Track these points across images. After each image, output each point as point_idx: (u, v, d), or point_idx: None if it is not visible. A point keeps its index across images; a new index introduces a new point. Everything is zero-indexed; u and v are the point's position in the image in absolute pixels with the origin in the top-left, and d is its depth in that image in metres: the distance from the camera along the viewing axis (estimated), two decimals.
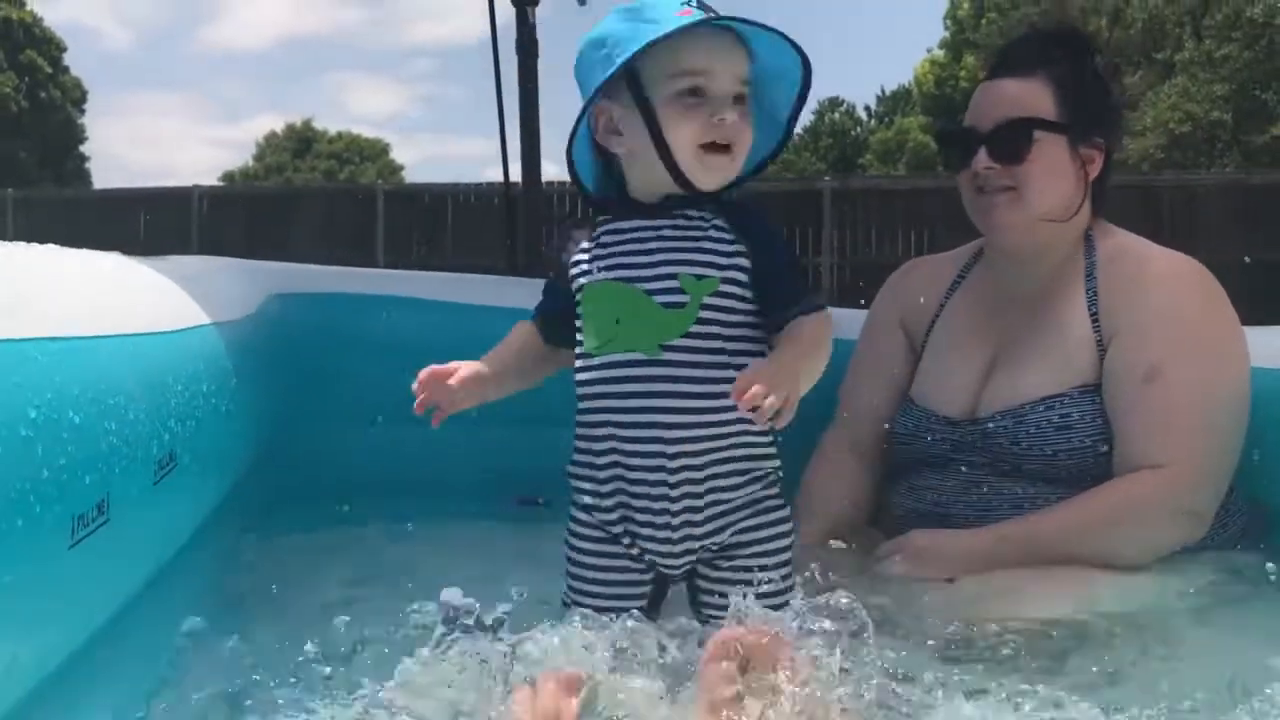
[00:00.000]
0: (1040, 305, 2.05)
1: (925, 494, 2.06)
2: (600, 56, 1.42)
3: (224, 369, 1.61)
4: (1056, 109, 1.97)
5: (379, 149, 42.47)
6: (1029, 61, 2.02)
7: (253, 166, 41.08)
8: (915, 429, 2.10)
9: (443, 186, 13.65)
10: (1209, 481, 1.95)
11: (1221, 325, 2.00)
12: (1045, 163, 1.97)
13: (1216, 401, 1.95)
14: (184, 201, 13.77)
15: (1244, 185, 13.18)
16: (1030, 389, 1.98)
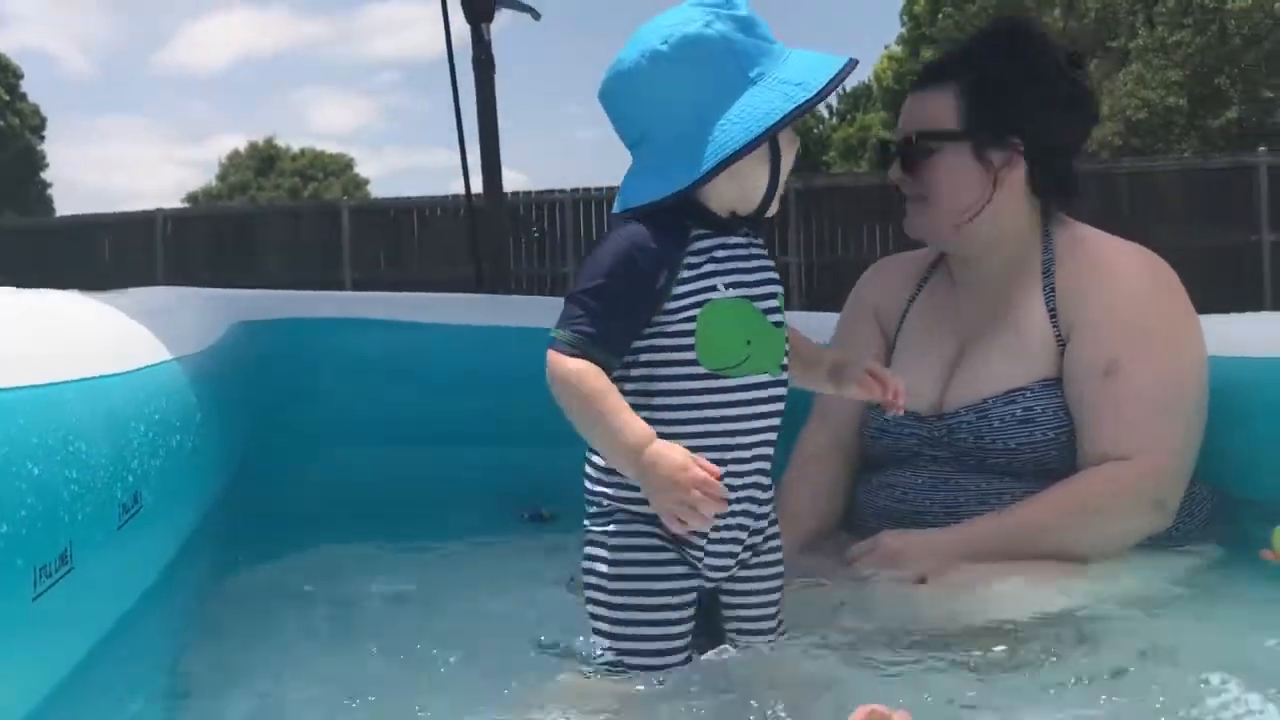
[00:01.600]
0: (1000, 302, 2.09)
1: (893, 490, 2.08)
2: (742, 73, 1.38)
3: (188, 404, 1.60)
4: (958, 118, 2.03)
5: (343, 164, 42.30)
6: (942, 72, 2.10)
7: (216, 186, 40.82)
8: (885, 425, 2.12)
9: (408, 201, 13.61)
10: (1173, 471, 1.98)
11: (1178, 317, 2.03)
12: (945, 171, 2.05)
13: (1176, 392, 1.98)
14: (147, 225, 13.65)
15: (1202, 170, 13.33)
16: (992, 383, 2.01)
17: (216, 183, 41.19)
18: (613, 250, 1.37)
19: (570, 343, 1.35)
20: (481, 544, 2.32)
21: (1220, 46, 20.33)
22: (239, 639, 1.69)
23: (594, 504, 1.46)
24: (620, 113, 1.45)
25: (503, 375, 2.53)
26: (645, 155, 1.42)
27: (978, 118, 2.04)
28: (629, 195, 1.41)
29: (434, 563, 2.21)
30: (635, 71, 1.39)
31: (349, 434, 2.47)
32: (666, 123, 1.39)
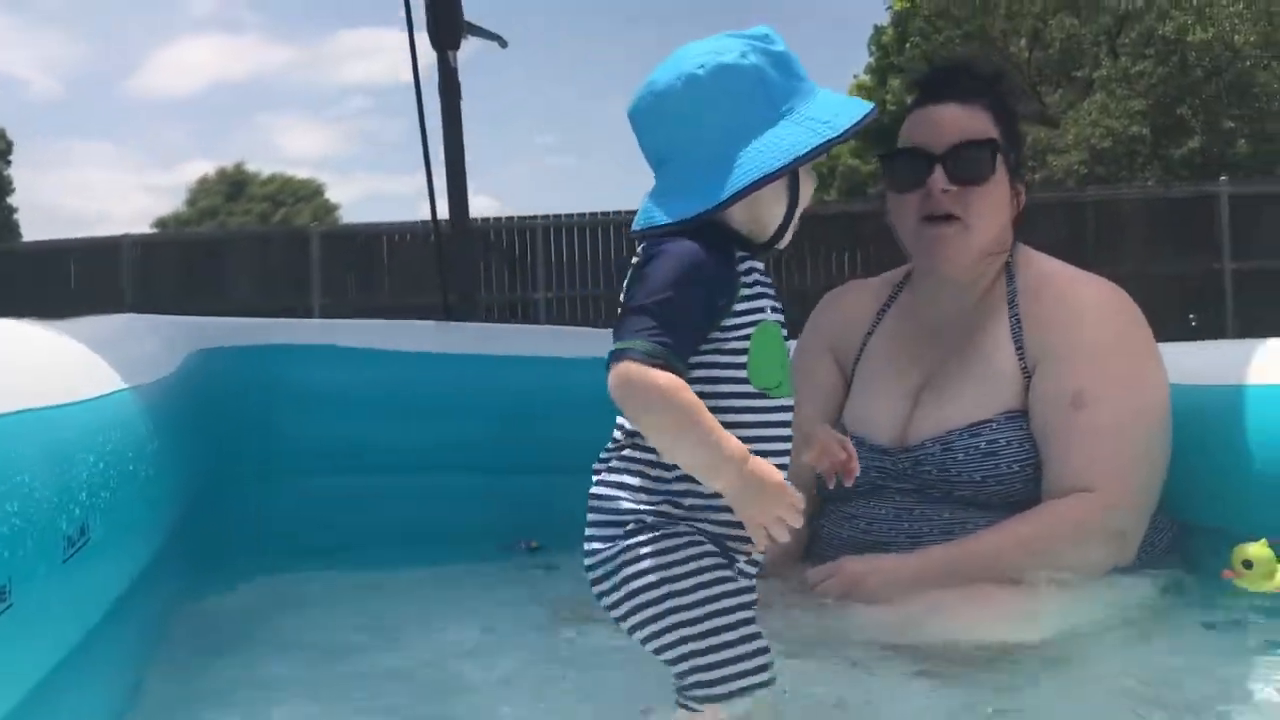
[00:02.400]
0: (965, 333, 2.08)
1: (857, 521, 2.07)
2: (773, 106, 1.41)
3: (141, 433, 1.58)
4: (1001, 138, 2.02)
5: (313, 189, 42.15)
6: (967, 89, 2.05)
7: (185, 212, 40.55)
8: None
9: (377, 226, 13.56)
10: (1137, 504, 1.99)
11: (1142, 351, 2.05)
12: (996, 190, 2.01)
13: (1141, 426, 1.99)
14: (114, 251, 13.51)
15: (1165, 199, 13.51)
16: (957, 416, 2.00)
17: (186, 208, 40.93)
18: (676, 264, 1.36)
19: (651, 353, 1.30)
20: (444, 573, 2.31)
21: (1182, 77, 20.64)
22: (193, 673, 1.67)
23: (628, 523, 1.39)
24: (649, 131, 1.45)
25: (466, 403, 2.52)
26: (670, 176, 1.43)
27: (1014, 143, 2.05)
28: (653, 214, 1.42)
29: (395, 593, 2.20)
30: (669, 93, 1.41)
31: (310, 462, 2.45)
32: (695, 146, 1.41)
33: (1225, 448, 2.01)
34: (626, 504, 1.39)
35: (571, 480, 1.47)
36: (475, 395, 2.51)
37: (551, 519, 2.30)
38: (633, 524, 1.38)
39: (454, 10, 3.24)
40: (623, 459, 1.41)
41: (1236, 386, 2.05)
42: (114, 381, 1.54)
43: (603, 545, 1.39)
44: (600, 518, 1.41)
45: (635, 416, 1.34)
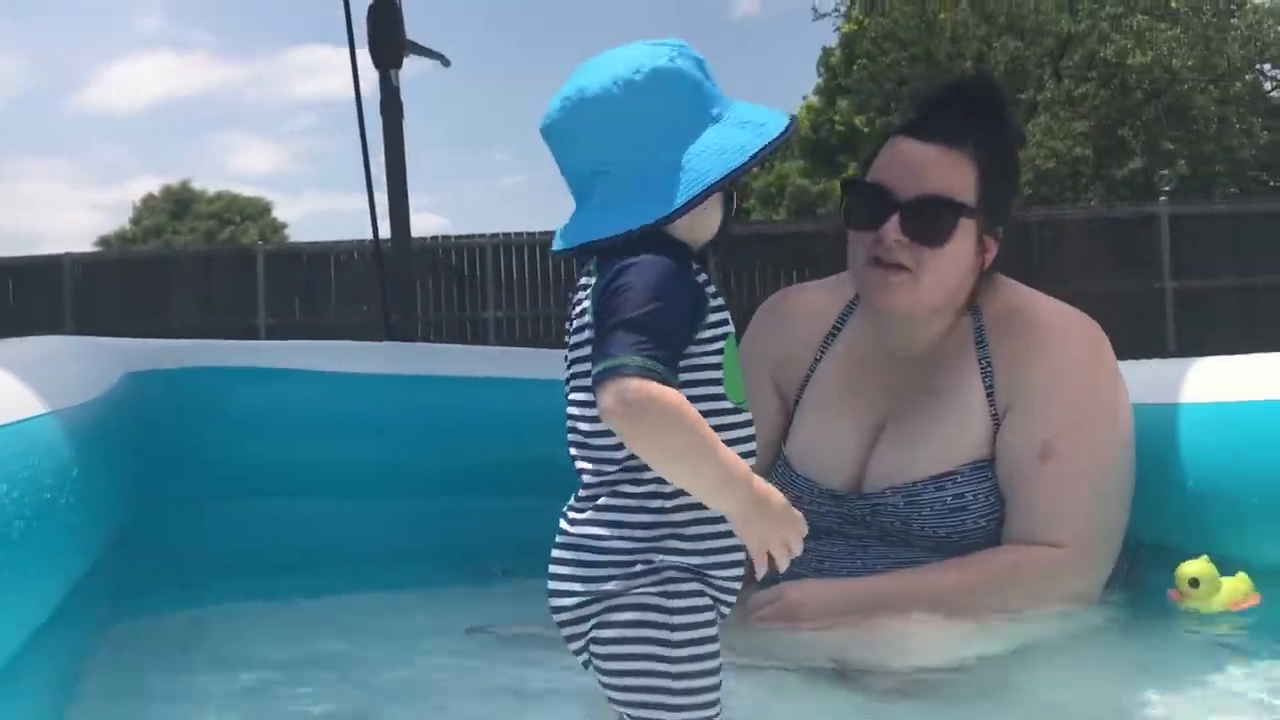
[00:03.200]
0: (929, 372, 1.96)
1: (807, 558, 1.96)
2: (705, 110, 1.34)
3: (64, 460, 1.53)
4: (977, 190, 1.87)
5: (260, 208, 41.74)
6: (956, 131, 1.89)
7: (130, 230, 39.99)
8: (798, 500, 1.93)
9: (323, 245, 13.45)
10: (1102, 560, 1.93)
11: (1112, 393, 1.97)
12: (955, 251, 1.87)
13: (1110, 474, 1.93)
14: (55, 270, 13.28)
15: (1107, 218, 13.75)
16: (921, 466, 1.90)
17: (130, 226, 40.35)
18: (655, 275, 1.26)
19: (648, 369, 1.21)
20: (377, 599, 2.27)
21: (1123, 100, 21.06)
22: (117, 699, 1.62)
23: (633, 564, 1.27)
24: (581, 141, 1.34)
25: (405, 424, 2.48)
26: (608, 187, 1.33)
27: (993, 195, 1.90)
28: (592, 228, 1.32)
29: (325, 619, 2.16)
30: (605, 98, 1.32)
31: (244, 486, 2.40)
32: (635, 153, 1.32)
33: (1163, 465, 2.00)
34: (623, 544, 1.28)
35: (511, 504, 1.44)
36: (414, 417, 2.47)
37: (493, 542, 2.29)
38: (639, 564, 1.28)
39: (395, 29, 3.22)
40: (616, 494, 1.29)
41: (1173, 405, 2.06)
42: (34, 406, 1.50)
43: (585, 588, 1.28)
44: (587, 558, 1.29)
45: (640, 437, 1.23)
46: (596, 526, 1.30)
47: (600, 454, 1.30)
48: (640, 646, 1.27)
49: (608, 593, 1.28)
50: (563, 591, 1.31)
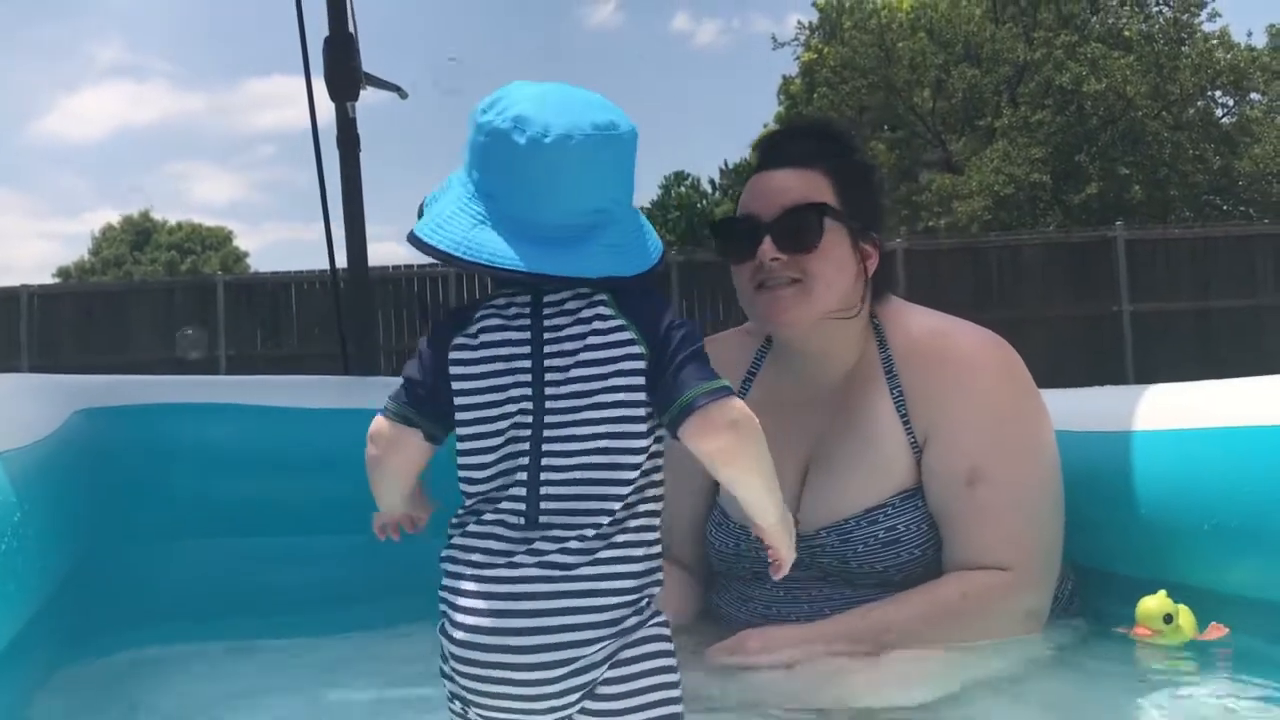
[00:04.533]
0: (845, 407, 1.97)
1: (754, 604, 1.99)
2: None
3: (7, 503, 1.50)
4: (837, 200, 1.92)
5: (222, 237, 41.47)
6: (805, 154, 1.96)
7: (89, 260, 39.60)
8: (736, 548, 2.00)
9: (284, 275, 13.38)
10: (1046, 577, 1.94)
11: (1032, 412, 1.97)
12: (833, 253, 1.90)
13: (1041, 494, 1.94)
14: (11, 302, 13.12)
15: (1066, 243, 13.93)
16: (850, 502, 1.91)
17: (90, 257, 39.96)
18: (673, 310, 1.35)
19: (733, 391, 1.31)
20: (330, 641, 2.23)
21: (1079, 126, 21.38)
22: None
23: (640, 601, 1.28)
24: (595, 172, 1.34)
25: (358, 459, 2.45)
26: (613, 227, 1.35)
27: (855, 202, 1.94)
28: (615, 264, 1.33)
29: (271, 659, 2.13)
30: (630, 140, 1.36)
31: (198, 524, 2.37)
32: (629, 196, 1.39)
33: (1117, 493, 2.02)
34: (631, 581, 1.28)
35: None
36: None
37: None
38: (644, 600, 1.29)
39: (351, 62, 3.21)
40: (624, 531, 1.28)
41: (1126, 433, 2.07)
42: None
43: (605, 631, 1.26)
44: (604, 601, 1.26)
45: (747, 452, 1.32)
46: (611, 565, 1.28)
47: (612, 491, 1.30)
48: (658, 677, 1.28)
49: (625, 630, 1.27)
50: (575, 642, 1.26)
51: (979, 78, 23.09)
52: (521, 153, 1.31)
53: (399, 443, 1.40)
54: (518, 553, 1.27)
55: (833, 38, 26.35)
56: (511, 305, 1.36)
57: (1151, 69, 21.14)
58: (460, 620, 1.27)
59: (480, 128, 1.36)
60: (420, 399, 1.38)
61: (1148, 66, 21.19)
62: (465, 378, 1.35)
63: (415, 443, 1.40)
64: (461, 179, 1.38)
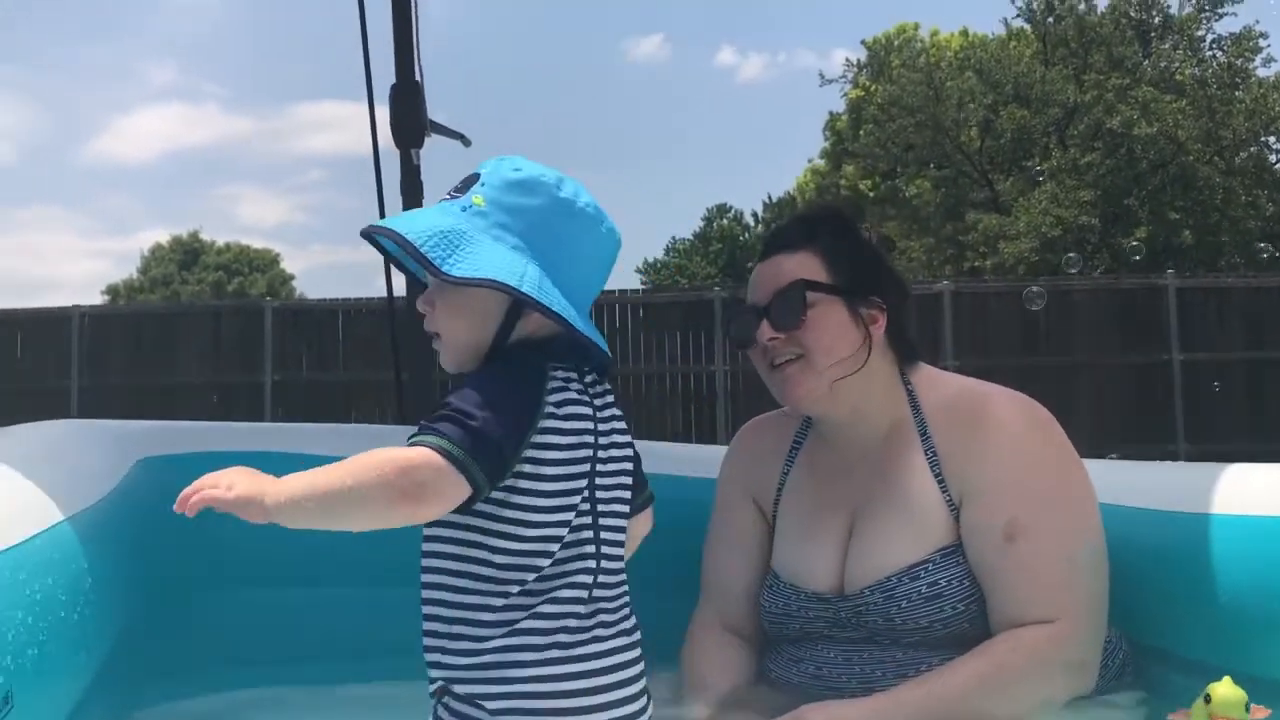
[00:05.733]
0: (882, 469, 2.04)
1: (806, 665, 2.02)
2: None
3: (79, 570, 1.49)
4: (828, 274, 2.02)
5: (269, 259, 41.99)
6: (795, 238, 2.08)
7: (138, 279, 40.20)
8: (787, 607, 2.06)
9: (332, 301, 13.49)
10: (1093, 629, 1.95)
11: (1068, 469, 2.02)
12: (824, 323, 2.00)
13: (1081, 547, 1.96)
14: (64, 322, 13.32)
15: (1115, 289, 13.75)
16: (892, 559, 1.96)
17: (138, 276, 40.57)
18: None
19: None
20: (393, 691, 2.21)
21: (1129, 169, 21.24)
22: None
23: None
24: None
25: None
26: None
27: (847, 274, 2.04)
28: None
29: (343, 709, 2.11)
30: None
31: (265, 574, 2.35)
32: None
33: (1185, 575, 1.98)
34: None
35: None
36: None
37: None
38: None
39: (417, 110, 3.22)
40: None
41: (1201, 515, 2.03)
42: (48, 514, 1.46)
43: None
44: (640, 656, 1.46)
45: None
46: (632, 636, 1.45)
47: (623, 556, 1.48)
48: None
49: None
50: (648, 695, 1.43)
51: (1028, 118, 23.01)
52: (602, 239, 1.49)
53: (446, 495, 1.31)
54: (592, 627, 1.39)
55: (880, 75, 26.37)
56: (572, 380, 1.45)
57: (1204, 113, 20.96)
58: (599, 701, 1.36)
59: (562, 204, 1.46)
60: (494, 463, 1.32)
61: (1200, 111, 21.02)
62: (553, 447, 1.39)
63: (456, 500, 1.32)
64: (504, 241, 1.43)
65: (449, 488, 1.30)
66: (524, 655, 1.34)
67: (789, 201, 37.98)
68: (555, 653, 1.35)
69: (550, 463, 1.38)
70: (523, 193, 1.45)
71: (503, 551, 1.36)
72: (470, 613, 1.36)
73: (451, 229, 1.40)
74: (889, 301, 2.07)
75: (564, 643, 1.36)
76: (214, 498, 1.29)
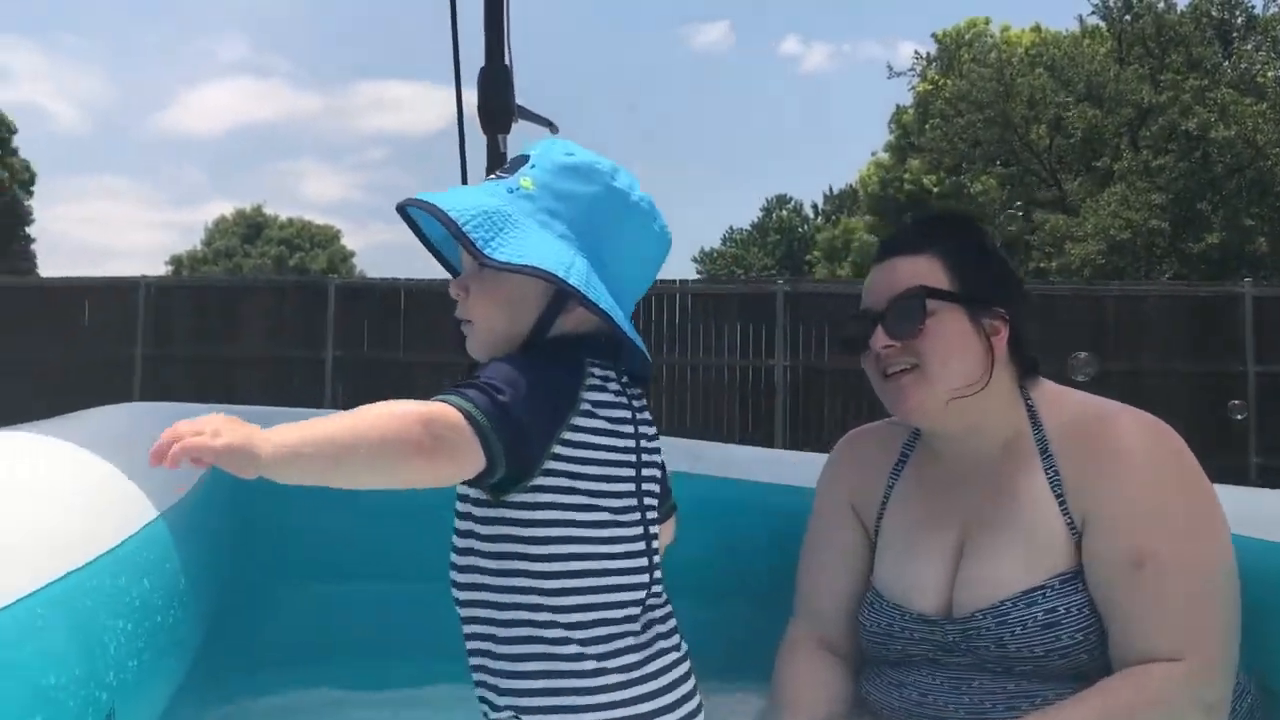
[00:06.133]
0: (998, 487, 1.93)
1: (909, 690, 1.91)
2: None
3: (172, 569, 1.44)
4: (949, 280, 1.91)
5: (330, 235, 42.35)
6: (915, 241, 1.97)
7: (202, 251, 40.74)
8: (889, 627, 1.96)
9: (395, 281, 13.51)
10: (1224, 668, 1.82)
11: (1198, 490, 1.88)
12: (944, 333, 1.89)
13: (1211, 579, 1.83)
14: (131, 292, 13.48)
15: (1189, 296, 13.41)
16: (1006, 583, 1.85)
17: (202, 247, 41.11)
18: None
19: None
20: None
21: (1203, 173, 20.72)
22: None
23: None
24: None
25: None
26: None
27: (970, 280, 1.92)
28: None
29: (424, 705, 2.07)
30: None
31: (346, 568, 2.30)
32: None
33: None
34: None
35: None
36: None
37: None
38: None
39: (506, 95, 3.15)
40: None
41: None
42: (142, 511, 1.40)
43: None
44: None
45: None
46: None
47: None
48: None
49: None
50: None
51: (1100, 118, 22.55)
52: (654, 238, 1.42)
53: (460, 458, 1.20)
54: (651, 641, 1.35)
55: (950, 69, 25.99)
56: (610, 380, 1.38)
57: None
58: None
59: (616, 194, 1.39)
60: (516, 442, 1.23)
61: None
62: (589, 446, 1.33)
63: (469, 468, 1.22)
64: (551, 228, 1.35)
65: (465, 450, 1.20)
66: (589, 681, 1.27)
67: (850, 194, 37.62)
68: (616, 677, 1.29)
69: (594, 462, 1.32)
70: (575, 179, 1.36)
71: (554, 575, 1.29)
72: (521, 646, 1.30)
73: (496, 210, 1.32)
74: (1012, 311, 1.95)
75: (630, 664, 1.30)
76: (198, 445, 1.10)
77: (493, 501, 1.31)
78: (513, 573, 1.30)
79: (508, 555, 1.30)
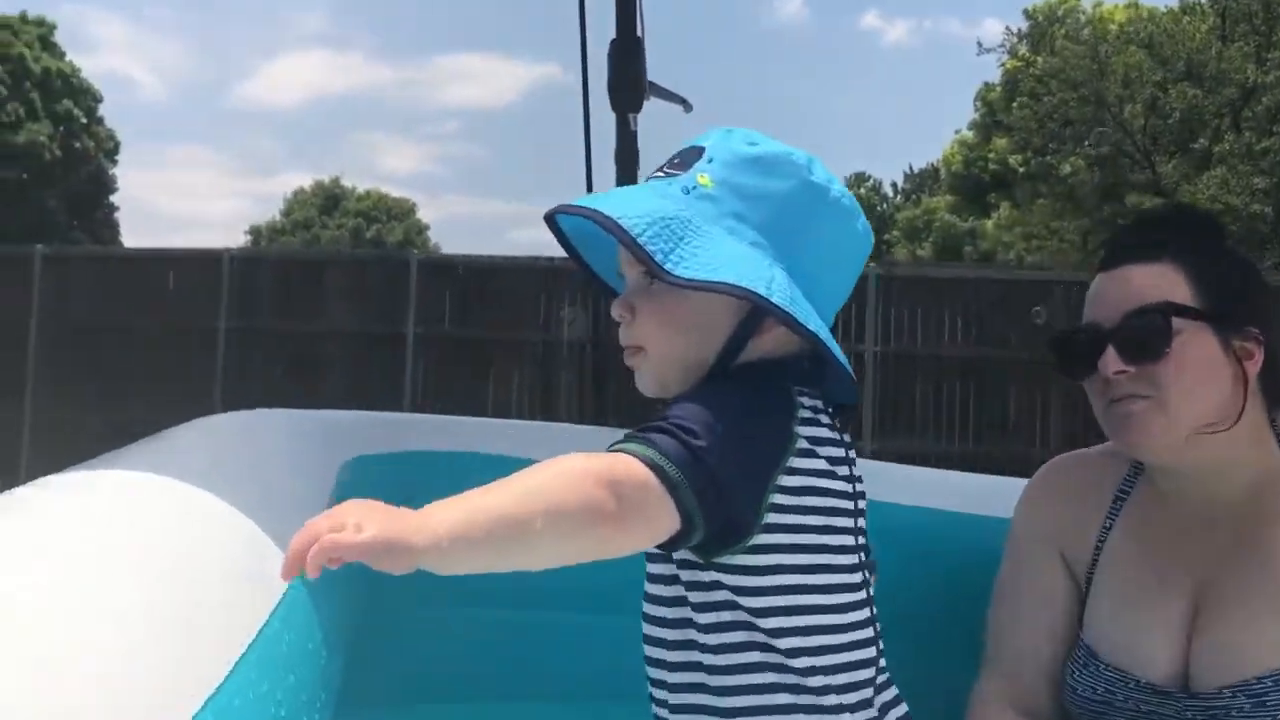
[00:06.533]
0: (1243, 538, 1.65)
1: None
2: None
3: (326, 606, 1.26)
4: (1193, 293, 1.62)
5: (406, 208, 42.61)
6: (1151, 245, 1.68)
7: (280, 221, 41.23)
8: (1109, 695, 1.69)
9: (478, 259, 13.41)
10: None
11: None
12: (1190, 358, 1.61)
13: None
14: (214, 264, 13.58)
15: None
16: (1262, 656, 1.58)
17: (280, 218, 41.60)
18: None
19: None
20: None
21: None
22: None
23: None
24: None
25: None
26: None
27: (1217, 293, 1.63)
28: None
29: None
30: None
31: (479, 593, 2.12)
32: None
33: None
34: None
35: None
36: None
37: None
38: None
39: (638, 71, 2.92)
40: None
41: None
42: None
43: None
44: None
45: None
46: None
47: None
48: None
49: None
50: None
51: (1200, 98, 21.75)
52: (857, 238, 1.24)
53: (651, 520, 1.02)
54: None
55: (1040, 46, 25.25)
56: (821, 412, 1.17)
57: None
58: None
59: (814, 190, 1.19)
60: (714, 489, 1.03)
61: None
62: (811, 491, 1.13)
63: (662, 532, 1.03)
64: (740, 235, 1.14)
65: (655, 510, 1.02)
66: None
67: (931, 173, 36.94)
68: None
69: (817, 511, 1.13)
70: (763, 173, 1.16)
71: (796, 653, 1.11)
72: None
73: (675, 216, 1.11)
74: (1266, 331, 1.67)
75: None
76: (341, 544, 0.92)
77: (703, 564, 1.11)
78: (740, 646, 1.12)
79: (729, 625, 1.12)
